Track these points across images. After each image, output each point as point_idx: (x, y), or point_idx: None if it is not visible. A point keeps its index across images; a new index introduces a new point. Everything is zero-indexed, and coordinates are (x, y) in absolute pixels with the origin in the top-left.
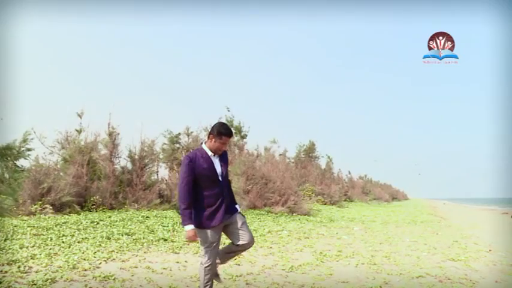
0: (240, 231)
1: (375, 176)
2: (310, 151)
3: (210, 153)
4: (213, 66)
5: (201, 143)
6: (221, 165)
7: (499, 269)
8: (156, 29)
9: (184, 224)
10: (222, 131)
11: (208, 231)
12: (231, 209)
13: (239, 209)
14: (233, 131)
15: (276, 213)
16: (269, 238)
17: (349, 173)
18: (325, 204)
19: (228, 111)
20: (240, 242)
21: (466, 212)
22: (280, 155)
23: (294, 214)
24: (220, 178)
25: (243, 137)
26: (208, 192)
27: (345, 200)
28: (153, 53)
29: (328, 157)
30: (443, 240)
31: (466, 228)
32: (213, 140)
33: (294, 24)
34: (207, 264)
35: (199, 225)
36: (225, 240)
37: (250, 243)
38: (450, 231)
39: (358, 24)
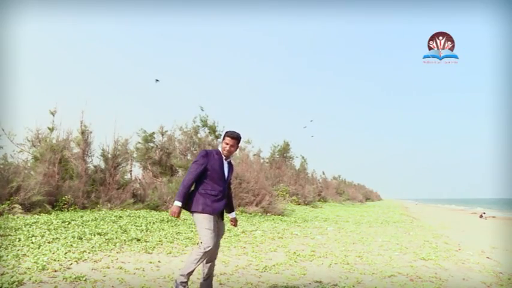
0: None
1: (349, 177)
2: (284, 151)
3: (223, 155)
4: (186, 68)
5: (218, 146)
6: (228, 171)
7: (467, 267)
8: (130, 29)
9: (176, 199)
10: (226, 132)
11: (212, 217)
12: (223, 212)
13: (235, 215)
14: (240, 135)
15: (250, 213)
16: (243, 238)
17: (323, 173)
18: (299, 204)
19: (202, 110)
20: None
21: (437, 212)
22: (254, 155)
23: (268, 214)
24: (225, 179)
25: (217, 137)
26: (214, 186)
27: (318, 200)
28: (128, 53)
29: (303, 157)
30: (414, 240)
31: (437, 228)
32: (221, 142)
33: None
34: (207, 249)
35: (203, 210)
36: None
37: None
38: (422, 231)
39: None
